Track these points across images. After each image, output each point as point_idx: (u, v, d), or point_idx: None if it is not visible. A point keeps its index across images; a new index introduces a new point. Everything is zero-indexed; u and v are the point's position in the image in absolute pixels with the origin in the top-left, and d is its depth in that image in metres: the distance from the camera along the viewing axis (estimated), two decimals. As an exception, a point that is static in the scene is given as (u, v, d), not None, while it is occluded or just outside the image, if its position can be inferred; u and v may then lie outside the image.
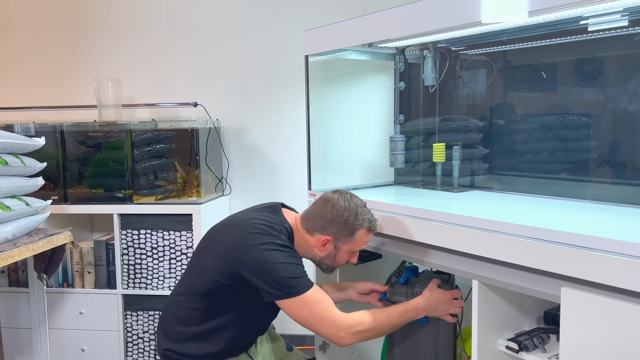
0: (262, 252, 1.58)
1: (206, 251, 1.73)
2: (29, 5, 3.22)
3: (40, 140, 2.36)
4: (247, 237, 1.62)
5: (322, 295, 1.61)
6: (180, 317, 1.73)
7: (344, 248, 1.74)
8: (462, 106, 2.30)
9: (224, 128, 3.08)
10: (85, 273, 2.80)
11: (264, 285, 1.58)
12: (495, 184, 2.16)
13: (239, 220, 1.73)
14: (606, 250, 1.24)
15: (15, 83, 3.28)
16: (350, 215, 1.69)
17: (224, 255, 1.64)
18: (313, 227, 1.72)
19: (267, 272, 1.57)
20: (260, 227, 1.64)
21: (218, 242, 1.70)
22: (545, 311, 1.72)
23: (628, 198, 1.72)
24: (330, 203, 1.72)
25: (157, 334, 1.82)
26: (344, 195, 1.74)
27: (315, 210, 1.74)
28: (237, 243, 1.62)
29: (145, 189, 2.79)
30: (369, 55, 2.35)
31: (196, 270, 1.74)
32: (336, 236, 1.71)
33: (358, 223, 1.70)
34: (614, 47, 1.79)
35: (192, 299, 1.71)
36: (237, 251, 1.61)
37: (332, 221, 1.70)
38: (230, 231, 1.69)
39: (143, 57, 3.13)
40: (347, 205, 1.70)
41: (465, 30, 1.84)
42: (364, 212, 1.72)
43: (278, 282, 1.57)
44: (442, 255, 1.70)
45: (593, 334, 1.27)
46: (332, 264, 1.78)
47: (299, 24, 2.72)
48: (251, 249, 1.59)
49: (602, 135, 1.87)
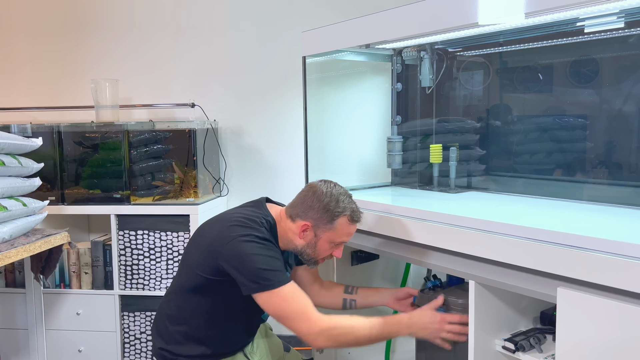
0: (240, 243, 1.61)
1: (191, 247, 1.77)
2: (27, 5, 3.21)
3: (38, 141, 2.36)
4: (227, 229, 1.65)
5: (299, 293, 1.60)
6: (172, 317, 1.75)
7: (324, 236, 1.72)
8: (459, 107, 2.30)
9: (222, 129, 3.08)
10: (82, 274, 2.80)
11: (240, 277, 1.60)
12: (492, 185, 2.16)
13: (221, 215, 1.79)
14: (602, 251, 1.25)
15: (12, 83, 3.27)
16: (331, 201, 1.69)
17: (206, 248, 1.67)
18: (295, 214, 1.73)
19: (243, 263, 1.59)
20: (240, 219, 1.68)
21: (202, 237, 1.74)
22: (541, 311, 1.73)
23: (624, 199, 1.73)
24: (312, 189, 1.73)
25: (152, 333, 1.83)
26: (328, 183, 1.76)
27: (298, 197, 1.77)
28: (218, 235, 1.66)
29: (143, 189, 2.79)
30: (366, 57, 2.36)
31: (183, 267, 1.78)
32: (316, 222, 1.70)
33: (339, 210, 1.69)
34: (609, 49, 1.80)
35: (181, 296, 1.74)
36: (217, 243, 1.64)
37: (312, 206, 1.70)
38: (212, 226, 1.74)
39: (141, 58, 3.13)
40: (329, 191, 1.71)
41: (462, 31, 1.85)
42: (346, 201, 1.71)
43: (253, 273, 1.58)
44: (439, 256, 1.71)
45: (589, 334, 1.27)
46: (312, 254, 1.75)
47: (296, 25, 2.72)
48: (230, 240, 1.61)
49: (598, 136, 1.88)
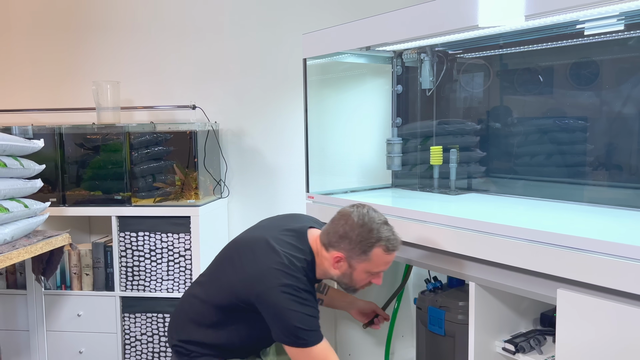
0: (280, 294, 1.54)
1: (228, 265, 1.70)
2: (28, 7, 3.22)
3: (39, 143, 2.37)
4: (269, 273, 1.57)
5: (329, 352, 1.58)
6: (194, 320, 1.74)
7: (359, 267, 1.62)
8: (459, 109, 2.31)
9: (223, 131, 3.09)
10: (83, 275, 2.80)
11: (274, 327, 1.58)
12: (492, 187, 2.17)
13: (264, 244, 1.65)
14: (602, 252, 1.26)
15: (13, 85, 3.28)
16: (363, 231, 1.58)
17: (244, 281, 1.61)
18: (329, 243, 1.63)
19: (280, 316, 1.55)
20: (284, 263, 1.58)
21: (240, 263, 1.66)
22: (541, 313, 1.73)
23: (624, 200, 1.73)
24: (344, 218, 1.62)
25: (169, 328, 1.82)
26: (360, 209, 1.63)
27: (331, 225, 1.65)
28: (258, 276, 1.58)
29: (144, 191, 2.80)
30: (367, 59, 2.37)
31: (216, 281, 1.72)
32: (349, 254, 1.60)
33: (372, 241, 1.58)
34: (609, 51, 1.80)
35: (207, 306, 1.71)
36: (257, 284, 1.58)
37: (344, 237, 1.60)
38: (254, 257, 1.64)
39: (142, 60, 3.14)
40: (361, 221, 1.59)
41: (463, 34, 1.85)
42: (380, 230, 1.58)
43: (289, 329, 1.54)
44: (439, 257, 1.71)
45: (589, 335, 1.28)
46: (350, 283, 1.68)
47: (297, 27, 2.73)
48: (270, 288, 1.55)
49: (598, 138, 1.88)
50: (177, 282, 2.72)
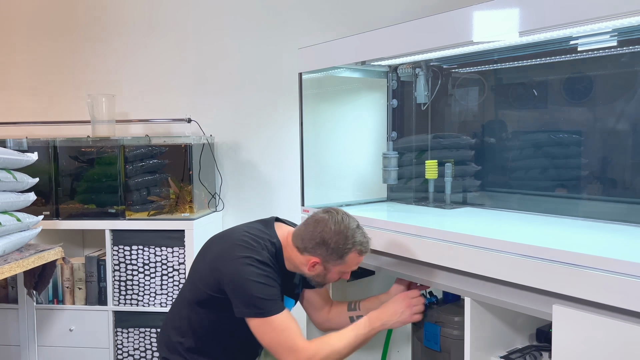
0: (240, 265, 1.61)
1: (198, 261, 1.79)
2: (24, 21, 3.23)
3: (33, 156, 2.35)
4: (230, 248, 1.66)
5: (290, 323, 1.60)
6: (176, 328, 1.77)
7: (334, 269, 1.70)
8: (454, 123, 2.31)
9: (218, 144, 3.08)
10: (76, 289, 2.78)
11: (235, 299, 1.61)
12: (488, 201, 2.17)
13: (229, 231, 1.79)
14: (597, 268, 1.25)
15: (8, 98, 3.27)
16: (340, 239, 1.63)
17: (209, 265, 1.69)
18: (303, 247, 1.68)
19: (240, 287, 1.60)
20: (245, 239, 1.67)
21: (208, 252, 1.76)
22: (537, 328, 1.72)
23: (619, 215, 1.73)
24: (320, 225, 1.66)
25: (158, 340, 1.86)
26: (335, 216, 1.67)
27: (305, 231, 1.69)
28: (221, 253, 1.68)
29: (138, 204, 2.78)
30: (362, 73, 2.37)
31: (189, 279, 1.79)
32: (325, 259, 1.67)
33: (348, 247, 1.64)
34: (603, 67, 1.81)
35: (185, 308, 1.76)
36: (220, 260, 1.66)
37: (321, 244, 1.65)
38: (219, 242, 1.76)
39: (138, 73, 3.14)
40: (337, 228, 1.64)
41: (458, 49, 1.86)
42: (354, 235, 1.65)
43: (249, 299, 1.59)
44: (434, 272, 1.71)
45: (585, 351, 1.27)
46: (322, 281, 1.76)
47: (293, 41, 2.74)
48: (231, 260, 1.62)
49: (592, 152, 1.89)
50: (170, 296, 2.70)
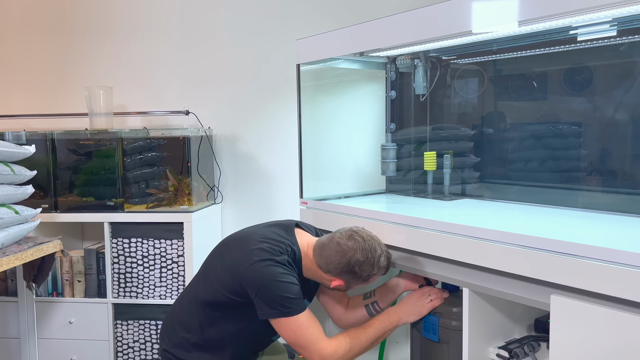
0: (263, 268, 1.61)
1: (216, 261, 1.77)
2: (21, 13, 3.21)
3: (31, 148, 2.35)
4: (251, 252, 1.65)
5: (313, 321, 1.64)
6: (182, 323, 1.76)
7: (356, 286, 1.75)
8: (453, 115, 2.31)
9: (216, 136, 3.08)
10: (75, 282, 2.78)
11: (259, 302, 1.61)
12: (486, 192, 2.16)
13: (249, 233, 1.76)
14: (595, 258, 1.25)
15: (6, 91, 3.26)
16: (366, 267, 1.66)
17: (229, 267, 1.68)
18: (327, 269, 1.69)
19: (265, 289, 1.60)
20: (265, 243, 1.67)
21: (227, 254, 1.74)
22: (535, 319, 1.73)
23: (617, 206, 1.73)
24: (347, 256, 1.65)
25: (160, 333, 1.85)
26: (362, 244, 1.66)
27: (330, 255, 1.68)
28: (242, 257, 1.66)
29: (137, 197, 2.78)
30: (360, 64, 2.36)
31: (204, 278, 1.77)
32: (350, 281, 1.71)
33: (374, 273, 1.69)
34: (603, 57, 1.81)
35: (195, 305, 1.75)
36: (240, 265, 1.64)
37: (347, 272, 1.67)
38: (239, 244, 1.73)
39: (135, 66, 3.13)
40: (365, 257, 1.65)
41: (456, 39, 1.85)
42: (380, 261, 1.68)
43: (274, 300, 1.59)
44: (432, 263, 1.71)
45: (583, 341, 1.27)
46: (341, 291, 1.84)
47: (290, 32, 2.72)
48: (252, 264, 1.62)
49: (591, 143, 1.88)
50: (170, 288, 2.71)
